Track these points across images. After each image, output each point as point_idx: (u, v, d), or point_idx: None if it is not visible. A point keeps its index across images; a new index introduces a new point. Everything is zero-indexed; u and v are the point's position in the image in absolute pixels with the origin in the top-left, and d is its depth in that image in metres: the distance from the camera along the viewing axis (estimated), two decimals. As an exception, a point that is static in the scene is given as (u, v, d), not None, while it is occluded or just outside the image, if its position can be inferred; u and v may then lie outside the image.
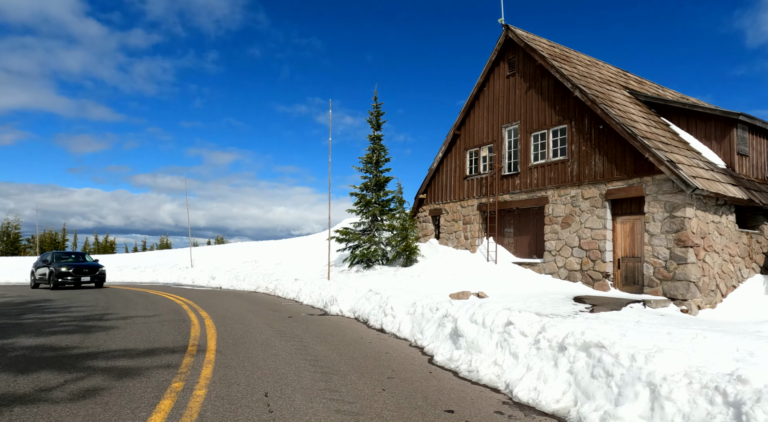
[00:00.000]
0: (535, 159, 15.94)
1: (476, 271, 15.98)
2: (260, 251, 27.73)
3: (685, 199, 11.83)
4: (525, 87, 16.51)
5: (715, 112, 14.69)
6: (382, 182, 19.22)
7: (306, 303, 11.35)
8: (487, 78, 18.05)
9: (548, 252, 15.05)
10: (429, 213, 20.23)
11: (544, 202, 15.37)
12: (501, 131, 17.26)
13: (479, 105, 18.32)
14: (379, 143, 19.48)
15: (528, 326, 4.79)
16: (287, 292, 12.98)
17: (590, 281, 13.70)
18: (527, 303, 11.65)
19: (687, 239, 11.70)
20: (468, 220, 18.25)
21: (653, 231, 12.38)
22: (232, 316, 8.60)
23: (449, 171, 19.43)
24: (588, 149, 14.23)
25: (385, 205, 19.24)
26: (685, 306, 11.47)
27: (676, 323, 8.45)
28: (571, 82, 14.61)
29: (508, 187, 16.75)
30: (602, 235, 13.55)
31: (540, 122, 15.83)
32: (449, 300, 12.92)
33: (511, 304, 11.64)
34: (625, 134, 13.00)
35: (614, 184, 13.43)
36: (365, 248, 18.32)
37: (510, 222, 16.96)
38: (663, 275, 12.05)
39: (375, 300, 8.68)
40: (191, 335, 6.62)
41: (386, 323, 7.49)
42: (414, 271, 17.00)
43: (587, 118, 14.33)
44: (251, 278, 16.49)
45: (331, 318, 8.87)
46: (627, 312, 10.48)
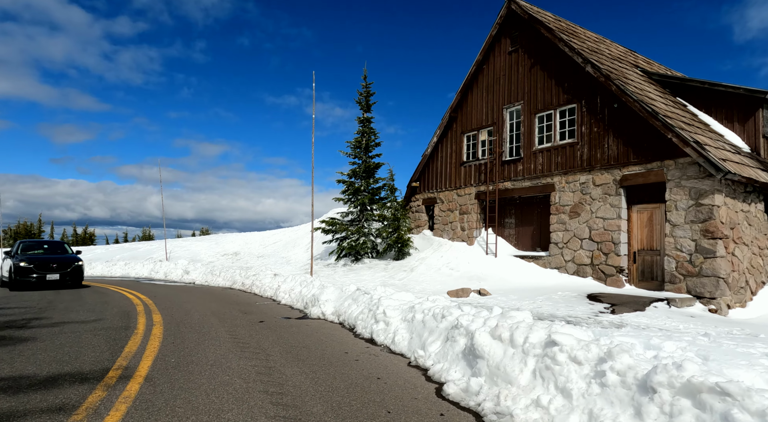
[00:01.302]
0: (540, 142, 14.52)
1: (475, 265, 14.59)
2: (243, 243, 26.09)
3: (713, 185, 10.50)
4: (529, 64, 15.04)
5: (738, 91, 13.36)
6: (372, 168, 17.70)
7: (284, 303, 9.85)
8: (486, 55, 16.55)
9: (554, 245, 13.69)
10: (422, 203, 18.77)
11: (550, 190, 13.98)
12: (502, 113, 15.81)
13: (478, 85, 16.82)
14: (368, 126, 17.93)
15: (582, 349, 3.34)
16: (264, 289, 11.46)
17: (602, 276, 12.37)
18: (536, 301, 10.28)
19: (716, 230, 10.39)
20: (465, 210, 16.83)
21: (676, 221, 11.05)
22: (191, 321, 7.06)
23: (445, 156, 17.96)
24: (600, 131, 12.83)
25: (375, 194, 17.74)
26: (714, 305, 10.17)
27: (727, 331, 7.10)
28: (582, 56, 13.18)
29: (509, 174, 15.34)
30: (616, 226, 12.21)
31: (546, 102, 14.40)
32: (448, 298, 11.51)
33: (517, 303, 10.26)
34: (643, 113, 11.61)
35: (630, 169, 12.07)
36: (353, 240, 16.84)
37: (511, 212, 15.57)
38: (687, 270, 10.74)
39: (364, 301, 7.21)
40: (125, 351, 5.09)
41: (377, 332, 6.02)
42: (406, 265, 15.56)
43: (599, 96, 12.92)
44: (228, 273, 14.93)
45: (310, 322, 7.37)
46: (652, 312, 9.15)
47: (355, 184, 17.64)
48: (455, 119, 17.62)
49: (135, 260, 23.98)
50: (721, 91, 13.71)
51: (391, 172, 17.62)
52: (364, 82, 18.17)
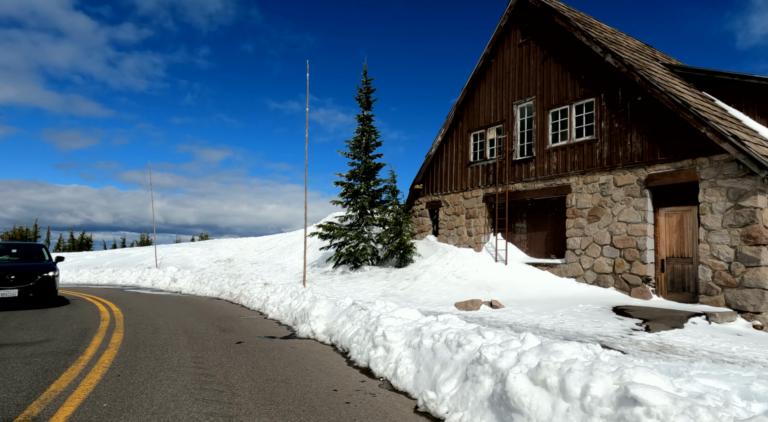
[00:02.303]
0: (554, 140, 13.39)
1: (483, 273, 13.42)
2: (238, 249, 24.93)
3: (755, 185, 9.35)
4: (541, 56, 13.95)
5: (772, 84, 12.23)
6: (372, 169, 16.57)
7: (271, 317, 8.70)
8: (495, 48, 15.47)
9: (571, 252, 12.52)
10: (426, 206, 17.63)
11: (566, 192, 12.83)
12: (512, 109, 14.69)
13: (486, 80, 15.73)
14: (369, 124, 16.83)
15: (683, 415, 2.17)
16: (252, 301, 10.31)
17: (626, 286, 11.19)
18: (556, 315, 9.11)
19: (759, 235, 9.22)
20: (472, 214, 15.68)
21: (711, 225, 9.88)
22: (154, 343, 5.93)
23: (450, 157, 16.84)
24: (622, 126, 11.70)
25: (375, 196, 16.60)
26: (759, 321, 8.98)
27: None
28: (601, 45, 12.08)
29: (520, 175, 14.20)
30: (641, 231, 11.04)
31: (560, 96, 13.28)
32: (456, 310, 10.34)
33: (535, 317, 9.08)
34: (672, 105, 10.48)
35: (657, 168, 10.92)
36: (352, 245, 15.69)
37: (522, 215, 14.41)
38: (726, 280, 9.55)
39: (360, 319, 6.05)
40: (50, 389, 3.96)
41: (375, 360, 4.86)
42: (409, 273, 14.39)
43: (621, 88, 11.80)
44: (216, 281, 13.78)
45: (297, 344, 6.22)
46: (692, 330, 7.96)
47: (354, 186, 16.51)
48: (461, 117, 16.52)
49: (124, 267, 22.85)
50: (754, 84, 12.56)
51: (393, 173, 16.52)
52: (364, 78, 17.11)
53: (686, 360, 5.35)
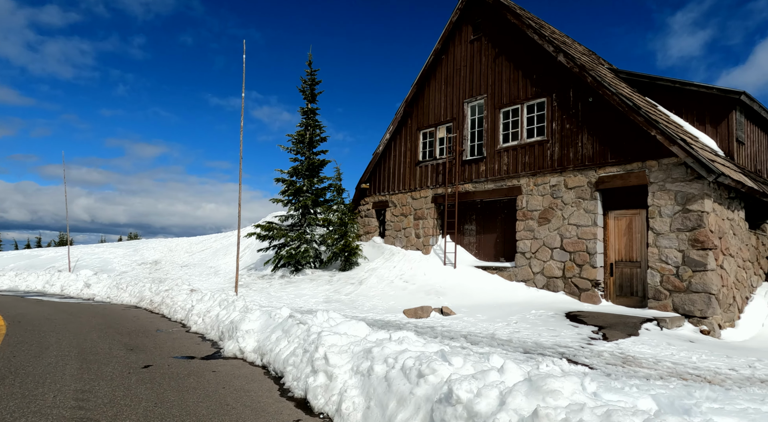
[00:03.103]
0: (506, 140, 13.04)
1: (432, 278, 12.81)
2: (167, 250, 22.91)
3: (702, 189, 9.32)
4: (493, 53, 13.58)
5: (711, 91, 12.51)
6: (316, 166, 15.56)
7: (194, 331, 7.52)
8: (446, 44, 14.98)
9: (521, 255, 12.17)
10: (372, 207, 16.85)
11: (516, 193, 12.49)
12: (462, 107, 14.24)
13: (436, 76, 15.20)
14: (313, 118, 15.80)
15: None
16: (175, 310, 9.02)
17: (575, 291, 10.95)
18: (510, 323, 8.58)
19: (706, 239, 9.19)
20: (420, 215, 15.07)
21: (660, 229, 9.79)
22: (35, 369, 4.72)
23: (398, 155, 16.16)
24: (573, 127, 11.49)
25: (319, 195, 15.60)
26: (706, 326, 8.92)
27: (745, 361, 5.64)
28: (554, 44, 11.84)
29: (470, 175, 13.75)
30: (592, 234, 10.84)
31: (512, 95, 12.95)
32: (405, 318, 9.59)
33: (488, 325, 8.50)
34: (623, 107, 10.35)
35: (607, 170, 10.77)
36: (293, 247, 14.58)
37: (472, 217, 13.97)
38: (674, 285, 9.47)
39: (298, 335, 5.12)
40: None
41: (315, 389, 3.97)
42: (354, 277, 13.53)
43: (572, 89, 11.60)
44: (137, 286, 12.22)
45: (221, 366, 5.18)
46: (647, 337, 7.67)
47: (296, 184, 15.41)
48: (410, 114, 15.89)
49: (31, 269, 20.27)
50: (693, 91, 12.83)
51: (339, 171, 15.59)
52: (309, 69, 16.06)
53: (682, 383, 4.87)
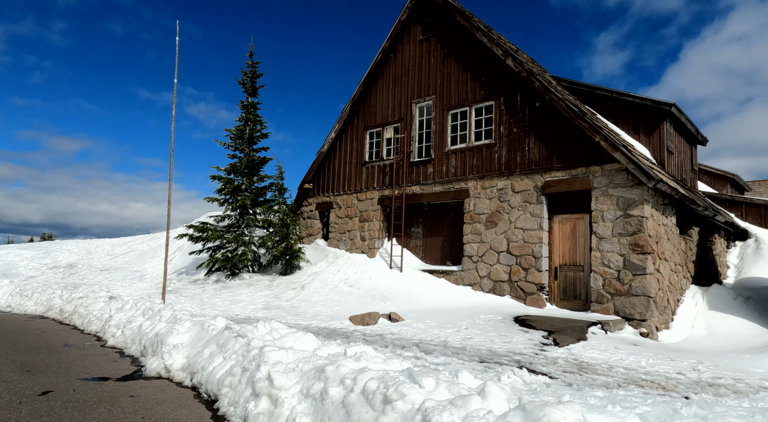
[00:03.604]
0: (454, 142, 12.91)
1: (378, 282, 12.40)
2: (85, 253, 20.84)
3: (642, 195, 9.59)
4: (442, 55, 13.44)
5: (646, 102, 13.10)
6: (256, 163, 14.69)
7: (112, 345, 6.58)
8: (394, 43, 14.68)
9: (468, 259, 12.06)
10: (316, 208, 16.19)
11: (464, 196, 12.38)
12: (411, 108, 13.99)
13: (384, 75, 14.86)
14: (254, 113, 14.92)
15: None
16: (89, 320, 7.94)
17: (521, 295, 10.95)
18: (460, 329, 8.33)
19: (645, 244, 9.45)
20: (366, 217, 14.63)
21: (603, 233, 9.98)
22: None
23: (344, 155, 15.64)
24: (520, 131, 11.54)
25: (259, 194, 14.73)
26: (645, 328, 9.15)
27: (735, 378, 5.68)
28: (502, 48, 11.85)
29: (418, 177, 13.51)
30: (537, 238, 10.90)
31: (461, 98, 12.86)
32: (351, 325, 9.08)
33: (439, 331, 8.19)
34: (569, 112, 10.50)
35: (553, 175, 10.88)
36: (230, 249, 13.62)
37: (418, 220, 13.73)
38: (615, 288, 9.66)
39: (236, 350, 4.48)
40: None
41: (257, 417, 3.41)
42: (296, 281, 12.83)
43: (520, 93, 11.66)
44: (45, 293, 10.80)
45: (141, 388, 4.43)
46: (595, 341, 7.69)
47: (234, 182, 14.45)
48: (357, 113, 15.44)
49: None
50: (629, 102, 13.38)
51: (281, 170, 14.81)
52: (250, 61, 15.17)
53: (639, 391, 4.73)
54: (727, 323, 10.19)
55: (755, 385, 5.51)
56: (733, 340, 9.09)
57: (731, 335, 9.56)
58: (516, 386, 4.68)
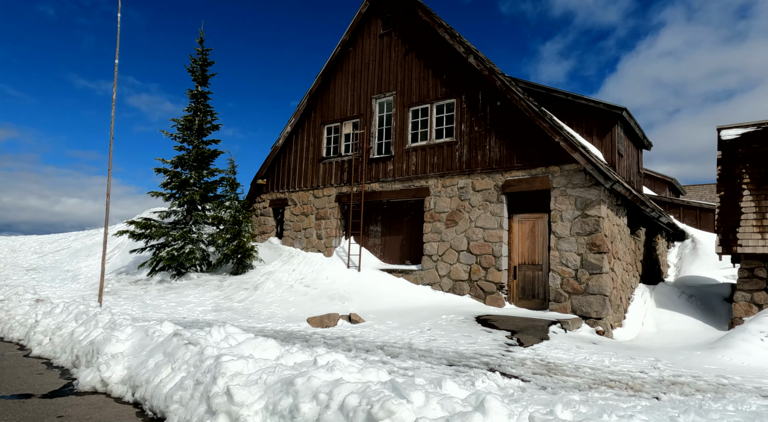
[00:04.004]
0: (414, 140, 12.71)
1: (335, 282, 12.00)
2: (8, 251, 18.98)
3: (599, 195, 9.77)
4: (403, 50, 13.21)
5: (599, 106, 13.46)
6: (206, 156, 13.86)
7: (37, 354, 5.82)
8: (354, 36, 14.30)
9: (428, 258, 11.89)
10: (270, 205, 15.53)
11: (424, 194, 12.21)
12: (371, 103, 13.66)
13: (343, 69, 14.45)
14: (204, 102, 14.08)
15: None
16: (12, 327, 7.04)
17: (481, 294, 10.90)
18: (423, 330, 8.10)
19: (602, 243, 9.62)
20: (323, 214, 14.16)
21: (561, 232, 10.08)
22: None
23: (300, 150, 15.09)
24: (482, 130, 11.50)
25: (209, 189, 13.92)
26: (601, 327, 9.31)
27: (717, 377, 5.72)
28: (464, 45, 11.78)
29: (377, 174, 13.20)
30: (498, 237, 10.89)
31: (422, 94, 12.68)
32: (309, 327, 8.63)
33: (401, 332, 7.91)
34: (530, 112, 10.55)
35: (513, 174, 10.90)
36: (176, 247, 12.74)
37: (377, 218, 13.43)
38: (573, 287, 9.78)
39: (187, 360, 3.98)
40: None
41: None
42: (249, 281, 12.19)
43: (482, 91, 11.62)
44: (-39, 296, 9.56)
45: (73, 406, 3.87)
46: (558, 341, 7.69)
47: (181, 175, 13.56)
48: (315, 107, 14.93)
49: None
50: (583, 105, 13.70)
51: (233, 164, 14.06)
52: (201, 47, 14.29)
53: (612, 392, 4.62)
54: (673, 320, 10.60)
55: (713, 382, 5.61)
56: (681, 337, 9.43)
57: (679, 332, 9.93)
58: (490, 390, 4.47)
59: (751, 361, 6.93)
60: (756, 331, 7.77)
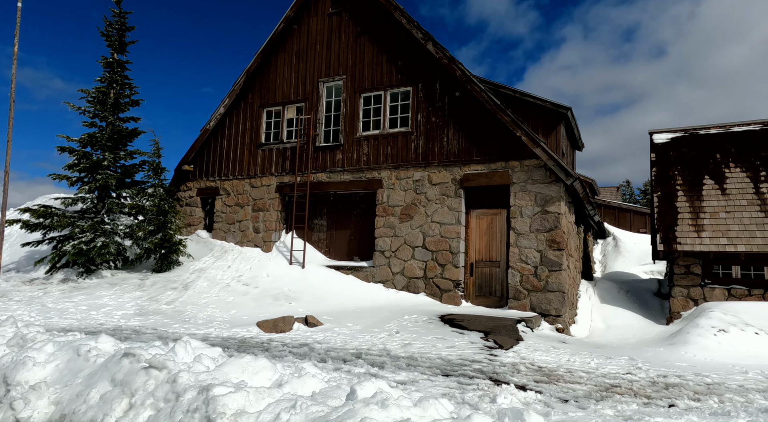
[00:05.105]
0: (366, 128, 11.93)
1: (278, 279, 10.91)
2: None
3: (559, 192, 9.70)
4: (355, 32, 12.35)
5: (546, 104, 13.65)
6: (124, 135, 11.95)
7: None
8: (299, 13, 13.16)
9: (380, 254, 11.20)
10: (197, 194, 13.89)
11: (377, 186, 11.49)
12: (318, 87, 12.63)
13: (286, 48, 13.25)
14: (121, 74, 12.15)
15: None
16: None
17: (437, 292, 10.44)
18: (391, 332, 7.41)
19: (561, 240, 9.56)
20: (261, 206, 12.89)
21: (521, 229, 9.89)
22: None
23: (235, 134, 13.64)
24: (439, 121, 11.02)
25: (127, 174, 12.04)
26: (561, 324, 9.24)
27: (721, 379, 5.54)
28: (422, 31, 11.22)
29: (324, 164, 12.24)
30: (455, 233, 10.48)
31: (375, 81, 11.92)
32: (261, 332, 7.54)
33: (368, 337, 7.14)
34: (491, 104, 10.25)
35: (472, 168, 10.54)
36: (84, 240, 10.80)
37: (323, 211, 12.47)
38: (533, 284, 9.63)
39: (151, 392, 2.91)
40: None
41: None
42: (176, 280, 10.66)
43: (440, 80, 11.13)
44: None
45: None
46: (532, 341, 7.40)
47: (92, 157, 11.55)
48: (253, 88, 13.55)
49: None
50: (531, 102, 13.82)
51: (158, 144, 12.26)
52: (118, 9, 12.29)
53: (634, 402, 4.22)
54: (618, 315, 10.89)
55: (700, 382, 5.53)
56: (632, 332, 9.65)
57: (626, 327, 10.18)
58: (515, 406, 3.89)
59: (712, 357, 7.08)
60: (708, 327, 8.05)
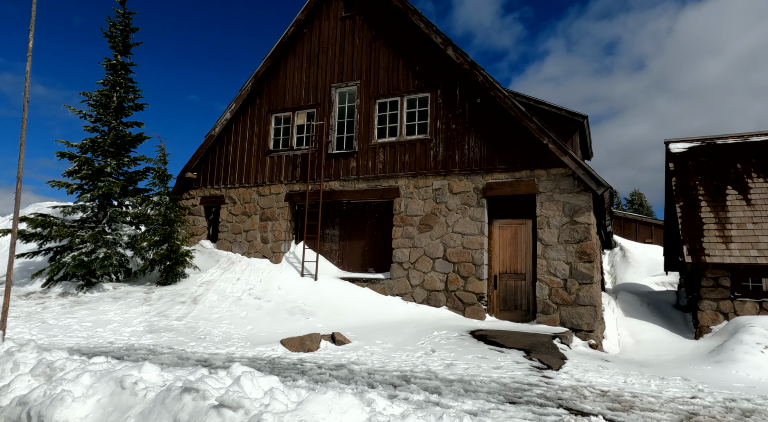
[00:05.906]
0: (382, 135, 11.51)
1: (291, 292, 10.36)
2: None
3: (588, 201, 9.36)
4: (369, 36, 11.99)
5: (561, 112, 13.40)
6: (127, 141, 11.36)
7: None
8: (310, 16, 12.77)
9: (398, 265, 10.72)
10: (201, 202, 13.30)
11: (394, 195, 11.05)
12: (330, 92, 12.21)
13: (296, 53, 12.82)
14: (125, 76, 11.58)
15: None
16: None
17: (459, 305, 9.98)
18: (426, 350, 6.92)
19: (592, 252, 9.20)
20: (270, 215, 12.35)
21: (549, 240, 9.51)
22: None
23: (242, 141, 13.12)
24: (460, 128, 10.65)
25: (131, 181, 11.42)
26: (594, 340, 8.83)
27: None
28: (442, 36, 10.89)
29: (337, 171, 11.77)
30: (478, 243, 10.06)
31: (391, 86, 11.54)
32: (287, 352, 6.99)
33: (406, 357, 6.62)
34: (515, 111, 9.92)
35: (495, 177, 10.17)
36: (85, 251, 10.14)
37: (335, 220, 11.97)
38: (562, 298, 9.22)
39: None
40: None
41: None
42: (184, 293, 10.05)
43: (460, 86, 10.78)
44: None
45: None
46: (577, 360, 6.98)
47: (94, 163, 10.93)
48: (261, 93, 13.08)
49: None
50: (546, 111, 13.55)
51: (164, 151, 11.68)
52: (122, 9, 11.77)
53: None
54: (645, 330, 10.54)
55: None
56: (665, 348, 9.28)
57: (656, 342, 9.82)
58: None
59: (764, 375, 6.75)
60: (753, 343, 7.72)
